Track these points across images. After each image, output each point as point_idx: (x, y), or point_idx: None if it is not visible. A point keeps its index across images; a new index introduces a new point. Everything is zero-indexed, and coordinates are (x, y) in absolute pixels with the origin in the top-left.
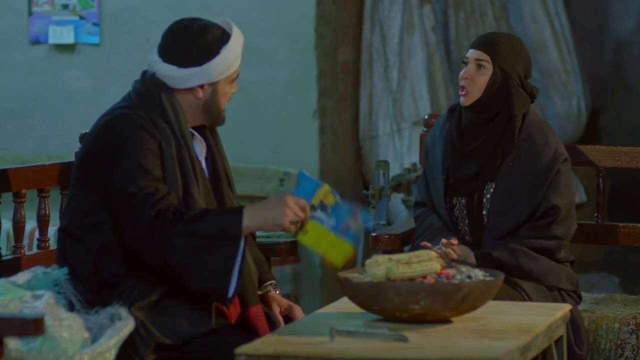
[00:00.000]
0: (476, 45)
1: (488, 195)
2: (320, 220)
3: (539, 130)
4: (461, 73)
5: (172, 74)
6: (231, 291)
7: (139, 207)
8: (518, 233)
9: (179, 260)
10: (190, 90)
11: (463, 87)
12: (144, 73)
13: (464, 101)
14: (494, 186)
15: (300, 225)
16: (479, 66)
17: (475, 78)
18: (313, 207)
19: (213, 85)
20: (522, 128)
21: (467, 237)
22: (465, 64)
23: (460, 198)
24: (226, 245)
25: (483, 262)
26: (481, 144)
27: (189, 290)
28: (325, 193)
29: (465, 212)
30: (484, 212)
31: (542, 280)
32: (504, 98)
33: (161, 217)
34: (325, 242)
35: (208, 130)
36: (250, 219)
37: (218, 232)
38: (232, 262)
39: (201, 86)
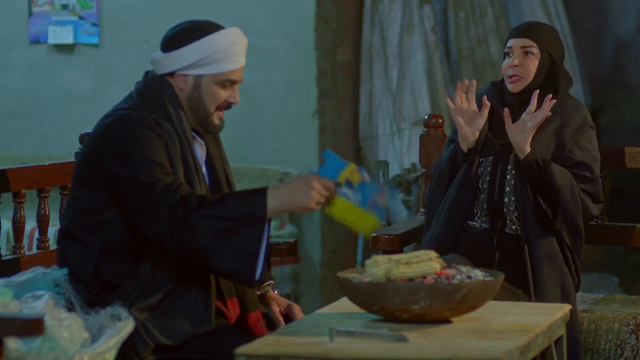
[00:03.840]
0: (520, 34)
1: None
2: (346, 196)
3: (571, 99)
4: (507, 63)
5: (156, 58)
6: (258, 273)
7: (159, 196)
8: None
9: (204, 244)
10: (172, 76)
11: (513, 75)
12: (147, 73)
13: (514, 87)
14: None
15: (327, 200)
16: (527, 53)
17: (525, 64)
18: (339, 185)
19: (196, 78)
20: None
21: (482, 196)
22: (508, 54)
23: (487, 156)
24: (251, 227)
25: (533, 165)
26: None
27: (197, 285)
28: (351, 171)
29: (489, 168)
30: (509, 167)
31: (563, 212)
32: (551, 80)
33: (184, 203)
34: (352, 215)
35: (210, 134)
36: (275, 200)
37: (243, 214)
38: (258, 243)
39: (184, 76)
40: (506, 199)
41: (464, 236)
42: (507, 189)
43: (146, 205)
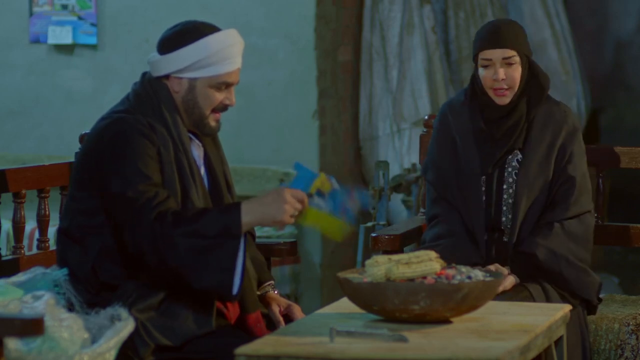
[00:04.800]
0: (498, 43)
1: (509, 169)
2: (317, 206)
3: (555, 103)
4: (490, 76)
5: (152, 60)
6: (235, 288)
7: (140, 211)
8: (548, 218)
9: (181, 262)
10: (168, 79)
11: (500, 89)
12: (144, 75)
13: (503, 100)
14: (516, 159)
15: (299, 212)
16: (509, 64)
17: (511, 75)
18: (310, 196)
19: (191, 81)
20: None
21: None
22: (485, 65)
23: (481, 176)
24: (227, 243)
25: (521, 261)
26: (512, 125)
27: (192, 290)
28: (322, 182)
29: (483, 188)
30: (504, 187)
31: (575, 291)
32: (531, 81)
33: (161, 220)
34: (323, 222)
35: (207, 137)
36: (249, 215)
37: (218, 231)
38: (234, 259)
39: (179, 78)
40: (504, 218)
41: None
42: (505, 207)
43: (127, 221)
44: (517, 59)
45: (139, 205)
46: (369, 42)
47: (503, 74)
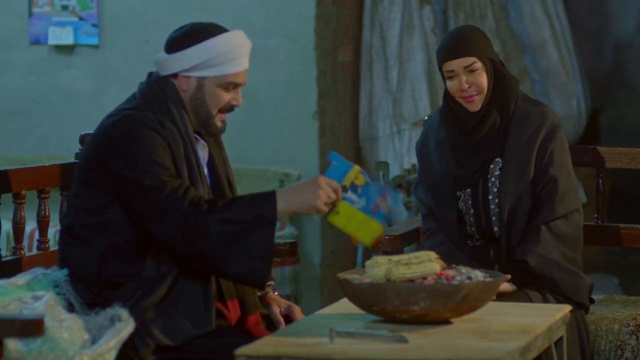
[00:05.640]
0: (457, 54)
1: (492, 179)
2: (351, 201)
3: (532, 104)
4: (454, 86)
5: (159, 59)
6: (266, 275)
7: (167, 200)
8: (535, 222)
9: (216, 248)
10: (176, 78)
11: (468, 96)
12: (150, 75)
13: (474, 106)
14: (498, 168)
15: (332, 205)
16: (472, 71)
17: (476, 81)
18: (344, 188)
19: (199, 80)
20: (517, 106)
21: (472, 229)
22: (450, 77)
23: (464, 189)
24: (262, 230)
25: (514, 270)
26: (486, 134)
27: (196, 288)
28: (356, 174)
29: (470, 202)
30: (490, 197)
31: (567, 295)
32: (500, 85)
33: (194, 207)
34: (355, 222)
35: (212, 137)
36: (284, 202)
37: (253, 218)
38: (268, 245)
39: (187, 77)
40: (496, 228)
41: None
42: (494, 218)
43: (154, 209)
44: (478, 64)
45: (165, 194)
46: (369, 43)
47: (466, 83)
